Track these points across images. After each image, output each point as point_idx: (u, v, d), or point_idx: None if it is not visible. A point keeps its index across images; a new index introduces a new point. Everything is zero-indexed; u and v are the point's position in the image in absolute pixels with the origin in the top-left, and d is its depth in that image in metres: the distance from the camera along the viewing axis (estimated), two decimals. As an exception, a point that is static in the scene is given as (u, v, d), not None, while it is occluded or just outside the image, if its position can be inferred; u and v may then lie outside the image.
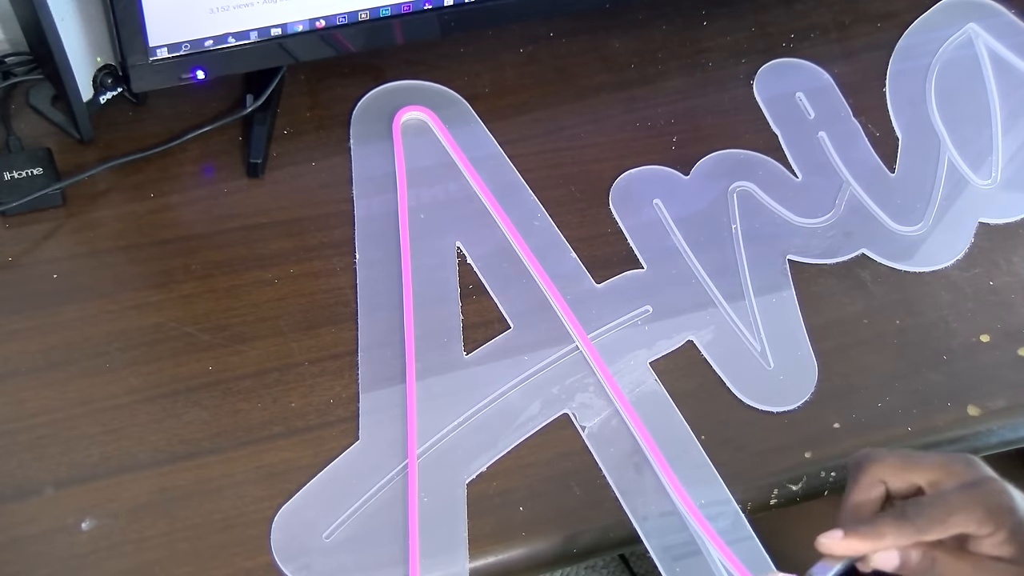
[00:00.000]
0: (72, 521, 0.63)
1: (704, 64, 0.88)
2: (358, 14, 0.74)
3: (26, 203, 0.72)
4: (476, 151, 0.80)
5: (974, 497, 0.48)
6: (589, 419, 0.69)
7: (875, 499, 0.51)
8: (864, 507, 0.50)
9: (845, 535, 0.48)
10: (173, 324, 0.70)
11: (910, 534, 0.48)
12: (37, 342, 0.69)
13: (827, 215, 0.81)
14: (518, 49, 0.87)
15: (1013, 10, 0.94)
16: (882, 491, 0.51)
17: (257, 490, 0.65)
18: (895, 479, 0.50)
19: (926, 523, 0.47)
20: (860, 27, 0.92)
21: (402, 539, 0.64)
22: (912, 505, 0.49)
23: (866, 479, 0.51)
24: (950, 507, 0.48)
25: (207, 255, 0.74)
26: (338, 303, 0.72)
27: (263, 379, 0.69)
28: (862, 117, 0.87)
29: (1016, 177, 0.85)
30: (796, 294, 0.76)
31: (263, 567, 0.62)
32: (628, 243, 0.78)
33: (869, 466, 0.51)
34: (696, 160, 0.82)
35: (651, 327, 0.74)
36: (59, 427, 0.66)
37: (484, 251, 0.76)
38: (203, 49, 0.72)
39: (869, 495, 0.50)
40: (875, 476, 0.51)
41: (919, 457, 0.50)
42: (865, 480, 0.51)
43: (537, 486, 0.67)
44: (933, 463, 0.50)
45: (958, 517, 0.47)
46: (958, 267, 0.80)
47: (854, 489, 0.51)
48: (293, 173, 0.78)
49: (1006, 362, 0.75)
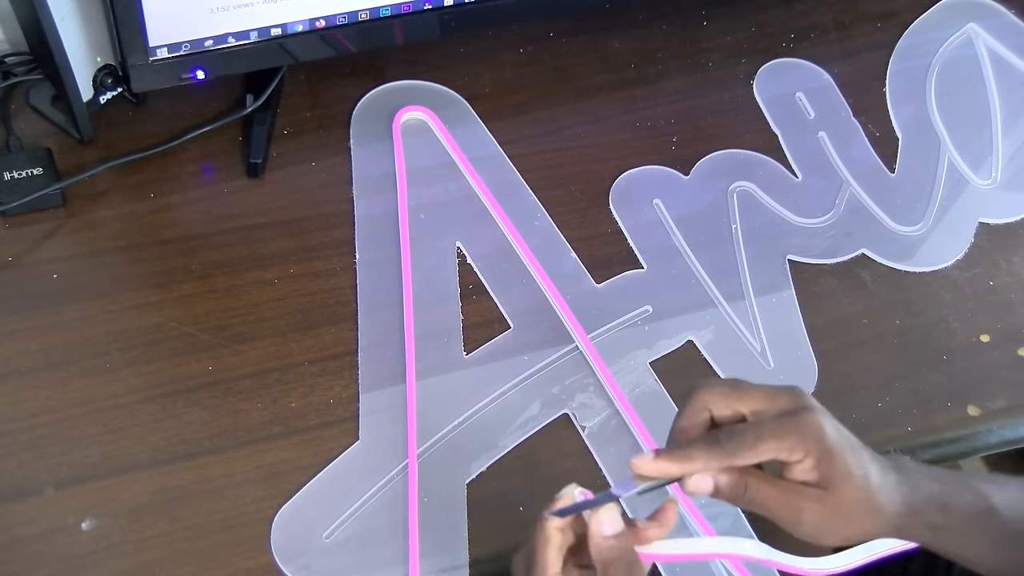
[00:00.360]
0: (72, 521, 0.63)
1: (704, 64, 0.88)
2: (358, 14, 0.74)
3: (26, 203, 0.72)
4: (476, 151, 0.80)
5: (786, 426, 0.49)
6: (589, 419, 0.69)
7: (699, 424, 0.51)
8: (688, 431, 0.51)
9: (657, 457, 0.49)
10: (173, 324, 0.70)
11: (720, 458, 0.49)
12: (37, 342, 0.69)
13: (827, 215, 0.81)
14: (518, 49, 0.87)
15: (1013, 10, 0.94)
16: (707, 417, 0.51)
17: (257, 490, 0.65)
18: (720, 406, 0.51)
19: (736, 448, 0.49)
20: (860, 27, 0.92)
21: (402, 539, 0.64)
22: (725, 432, 0.50)
23: (693, 404, 0.52)
24: (761, 434, 0.49)
25: (207, 255, 0.74)
26: (338, 303, 0.72)
27: (263, 379, 0.69)
28: (862, 117, 0.87)
29: (1016, 177, 0.85)
30: (796, 294, 0.76)
31: (263, 567, 0.62)
32: (628, 243, 0.78)
33: (697, 393, 0.52)
34: (696, 160, 0.82)
35: (651, 327, 0.74)
36: (59, 427, 0.66)
37: (484, 251, 0.76)
38: (203, 49, 0.72)
39: (694, 420, 0.51)
40: (702, 402, 0.51)
41: (747, 387, 0.51)
42: (692, 405, 0.52)
43: (537, 486, 0.67)
44: (759, 393, 0.51)
45: (768, 444, 0.48)
46: (958, 267, 0.80)
47: (680, 414, 0.52)
48: (293, 173, 0.78)
49: (1006, 362, 0.75)
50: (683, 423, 0.51)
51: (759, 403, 0.50)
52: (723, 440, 0.49)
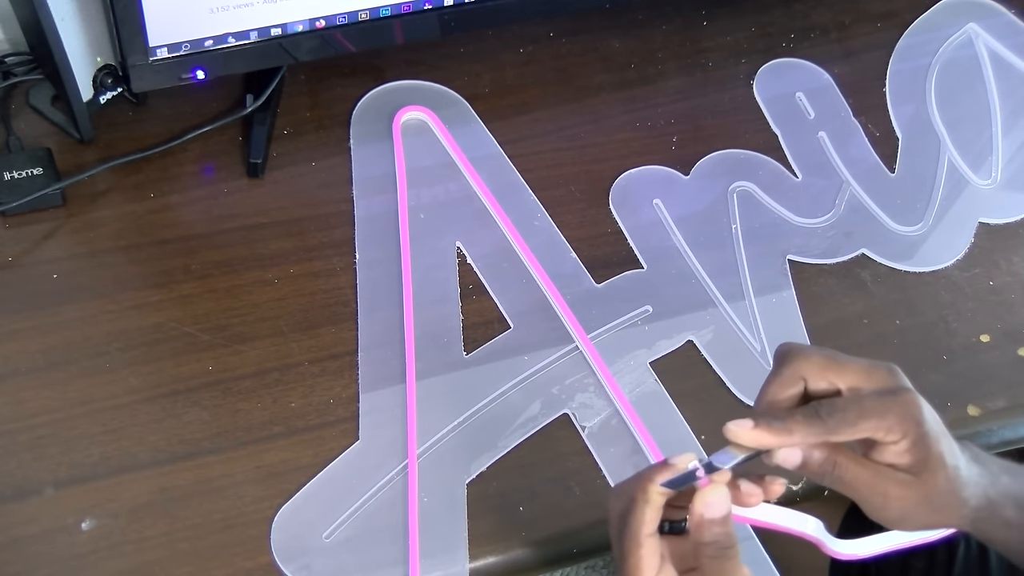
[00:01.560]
0: (72, 521, 0.63)
1: (704, 64, 0.88)
2: (358, 14, 0.74)
3: (26, 203, 0.72)
4: (476, 151, 0.80)
5: (887, 404, 0.48)
6: (589, 419, 0.69)
7: (793, 396, 0.50)
8: (781, 402, 0.50)
9: (755, 426, 0.47)
10: (173, 324, 0.70)
11: (819, 433, 0.47)
12: (37, 342, 0.69)
13: (827, 215, 0.81)
14: (518, 49, 0.87)
15: (1013, 10, 0.94)
16: (801, 388, 0.50)
17: (257, 490, 0.65)
18: (816, 378, 0.49)
19: (837, 424, 0.47)
20: (860, 27, 0.92)
21: (402, 539, 0.64)
22: (826, 406, 0.48)
23: (788, 373, 0.50)
24: (863, 411, 0.47)
25: (207, 255, 0.74)
26: (338, 303, 0.72)
27: (263, 379, 0.69)
28: (862, 117, 0.87)
29: (1016, 177, 0.85)
30: (796, 294, 0.76)
31: (263, 567, 0.62)
32: (628, 243, 0.78)
33: (793, 359, 0.50)
34: (696, 160, 0.82)
35: (651, 327, 0.74)
36: (59, 427, 0.66)
37: (484, 251, 0.76)
38: (203, 49, 0.72)
39: (788, 391, 0.50)
40: (797, 372, 0.50)
41: (844, 359, 0.50)
42: (787, 373, 0.50)
43: (537, 486, 0.67)
44: (858, 367, 0.49)
45: (869, 422, 0.47)
46: (958, 267, 0.80)
47: (773, 381, 0.50)
48: (293, 173, 0.78)
49: (1006, 362, 0.75)
50: (775, 392, 0.50)
51: (857, 378, 0.49)
52: (824, 415, 0.47)
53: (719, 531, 0.47)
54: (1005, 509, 0.50)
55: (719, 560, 0.47)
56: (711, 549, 0.47)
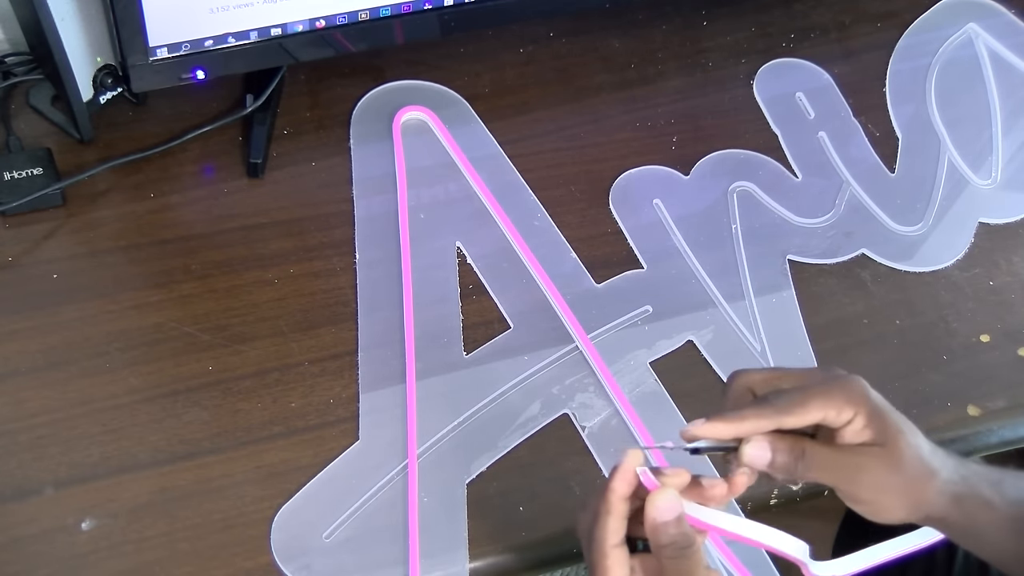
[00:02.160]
0: (72, 521, 0.63)
1: (704, 64, 0.88)
2: (358, 14, 0.74)
3: (26, 203, 0.72)
4: (476, 151, 0.80)
5: (830, 385, 0.50)
6: (589, 419, 0.69)
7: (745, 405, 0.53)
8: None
9: (708, 420, 0.50)
10: (173, 324, 0.70)
11: (770, 416, 0.49)
12: (37, 342, 0.69)
13: (827, 215, 0.81)
14: (518, 49, 0.87)
15: (1013, 10, 0.94)
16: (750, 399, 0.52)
17: (257, 490, 0.65)
18: (762, 387, 0.52)
19: (786, 406, 0.49)
20: (860, 27, 0.92)
21: (402, 539, 0.64)
22: (773, 394, 0.51)
23: (735, 388, 0.53)
24: (808, 393, 0.50)
25: (207, 255, 0.74)
26: (338, 303, 0.72)
27: (263, 379, 0.69)
28: (862, 117, 0.87)
29: (1016, 177, 0.85)
30: (796, 294, 0.76)
31: (263, 567, 0.62)
32: (628, 243, 0.78)
33: (738, 376, 0.53)
34: (696, 160, 0.82)
35: (651, 327, 0.74)
36: (59, 427, 0.66)
37: (484, 251, 0.76)
38: (203, 49, 0.72)
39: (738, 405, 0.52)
40: (744, 385, 0.52)
41: (784, 369, 0.53)
42: (735, 389, 0.53)
43: (537, 486, 0.67)
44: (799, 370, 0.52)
45: (817, 401, 0.49)
46: (958, 267, 0.80)
47: (724, 401, 0.53)
48: (293, 173, 0.78)
49: (1006, 362, 0.75)
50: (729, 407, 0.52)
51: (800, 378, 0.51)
52: (772, 400, 0.50)
53: (674, 532, 0.48)
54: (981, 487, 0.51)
55: (678, 560, 0.48)
56: (669, 550, 0.48)
